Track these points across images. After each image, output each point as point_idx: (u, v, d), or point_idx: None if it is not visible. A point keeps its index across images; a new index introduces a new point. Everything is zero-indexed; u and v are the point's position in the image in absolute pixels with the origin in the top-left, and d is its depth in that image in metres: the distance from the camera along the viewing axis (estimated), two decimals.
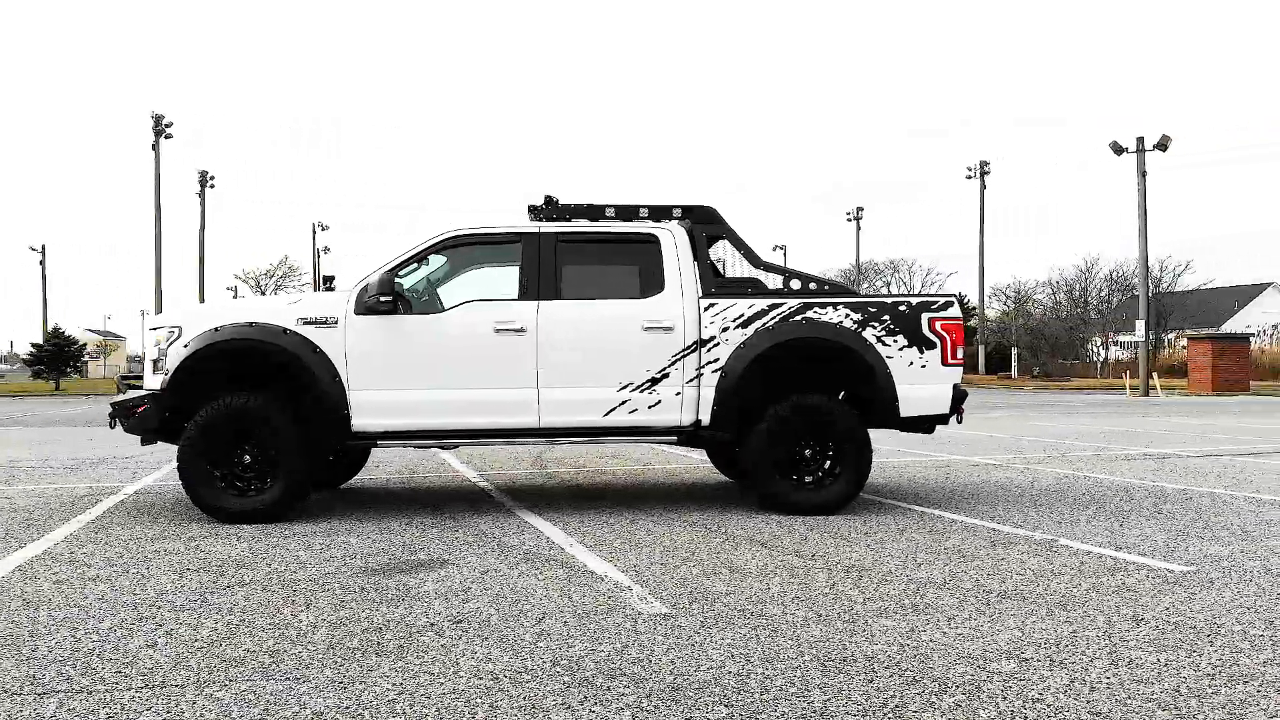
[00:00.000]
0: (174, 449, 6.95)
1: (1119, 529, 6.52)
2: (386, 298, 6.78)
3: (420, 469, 10.14)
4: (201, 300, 48.29)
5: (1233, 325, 59.12)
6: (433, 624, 4.15)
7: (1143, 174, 36.61)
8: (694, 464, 10.65)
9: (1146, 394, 35.22)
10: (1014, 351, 55.76)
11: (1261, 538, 6.19)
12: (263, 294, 54.35)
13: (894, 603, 4.54)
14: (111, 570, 5.21)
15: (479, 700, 3.23)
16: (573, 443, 7.36)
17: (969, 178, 59.40)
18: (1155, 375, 38.56)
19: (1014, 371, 54.34)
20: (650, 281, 7.26)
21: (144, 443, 7.60)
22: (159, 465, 10.53)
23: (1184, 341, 55.59)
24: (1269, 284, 66.98)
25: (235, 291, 68.15)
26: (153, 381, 7.00)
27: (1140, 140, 36.40)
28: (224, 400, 6.77)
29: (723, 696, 3.26)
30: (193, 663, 3.62)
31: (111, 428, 7.64)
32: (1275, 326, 56.97)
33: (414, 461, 10.75)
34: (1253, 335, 44.85)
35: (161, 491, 8.47)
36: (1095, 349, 64.57)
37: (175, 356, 6.82)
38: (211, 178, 51.22)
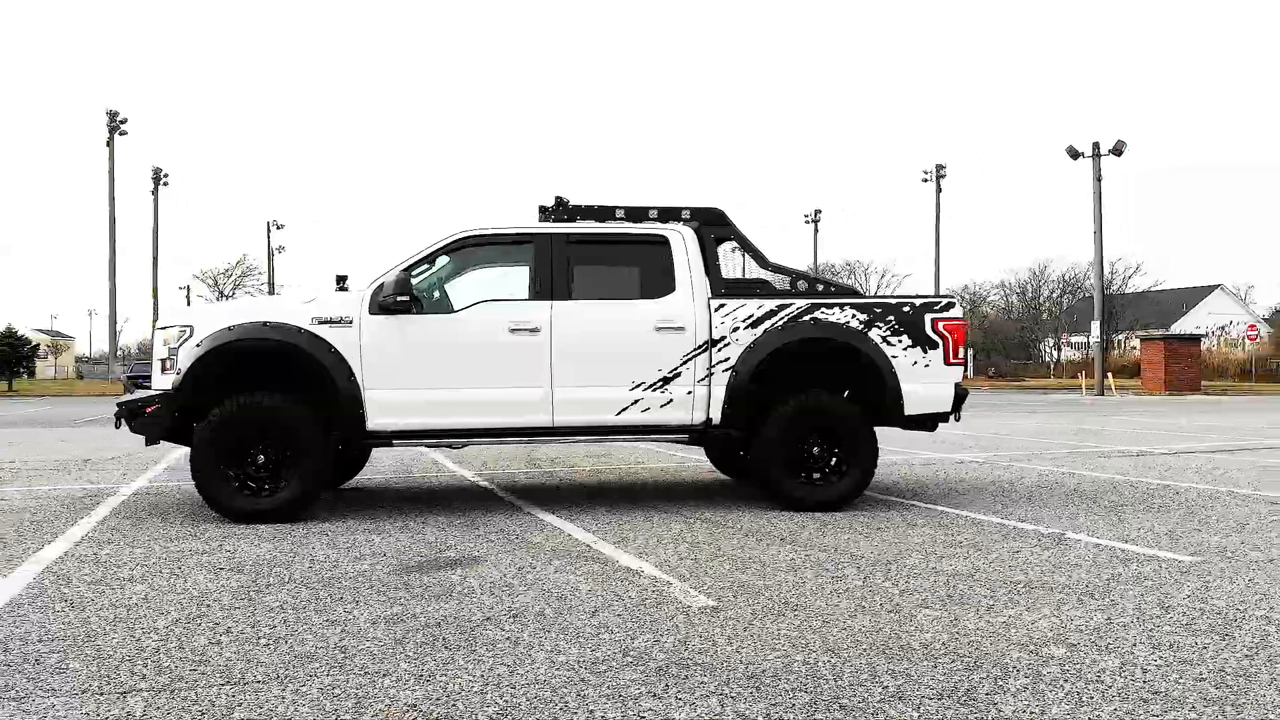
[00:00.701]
0: (161, 449, 6.93)
1: (1118, 522, 6.76)
2: (403, 297, 6.81)
3: (414, 468, 10.15)
4: (155, 299, 47.41)
5: (1181, 326, 60.70)
6: (489, 618, 4.21)
7: (1098, 178, 37.50)
8: (686, 462, 10.77)
9: (1102, 393, 36.08)
10: (970, 352, 56.75)
11: (1256, 530, 6.46)
12: (221, 294, 53.43)
13: (929, 594, 4.69)
14: (143, 571, 5.19)
15: (565, 689, 3.31)
16: (584, 442, 7.44)
17: (925, 180, 60.25)
18: (1110, 375, 39.47)
19: (970, 371, 55.32)
20: (661, 282, 7.36)
21: (148, 442, 7.54)
22: (147, 466, 10.41)
23: (1134, 342, 57.01)
24: (1216, 286, 68.88)
25: (189, 291, 67.05)
26: (162, 381, 6.96)
27: (1096, 145, 37.30)
28: (239, 400, 6.75)
29: (800, 684, 3.37)
30: (265, 659, 3.65)
31: (117, 427, 7.57)
32: (1222, 328, 58.59)
33: (407, 461, 10.74)
34: (1202, 336, 46.12)
35: (161, 492, 8.39)
36: (1047, 349, 65.93)
37: (187, 356, 6.78)
38: (166, 175, 50.34)
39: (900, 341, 7.43)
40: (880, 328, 7.42)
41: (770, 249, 7.82)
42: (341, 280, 7.31)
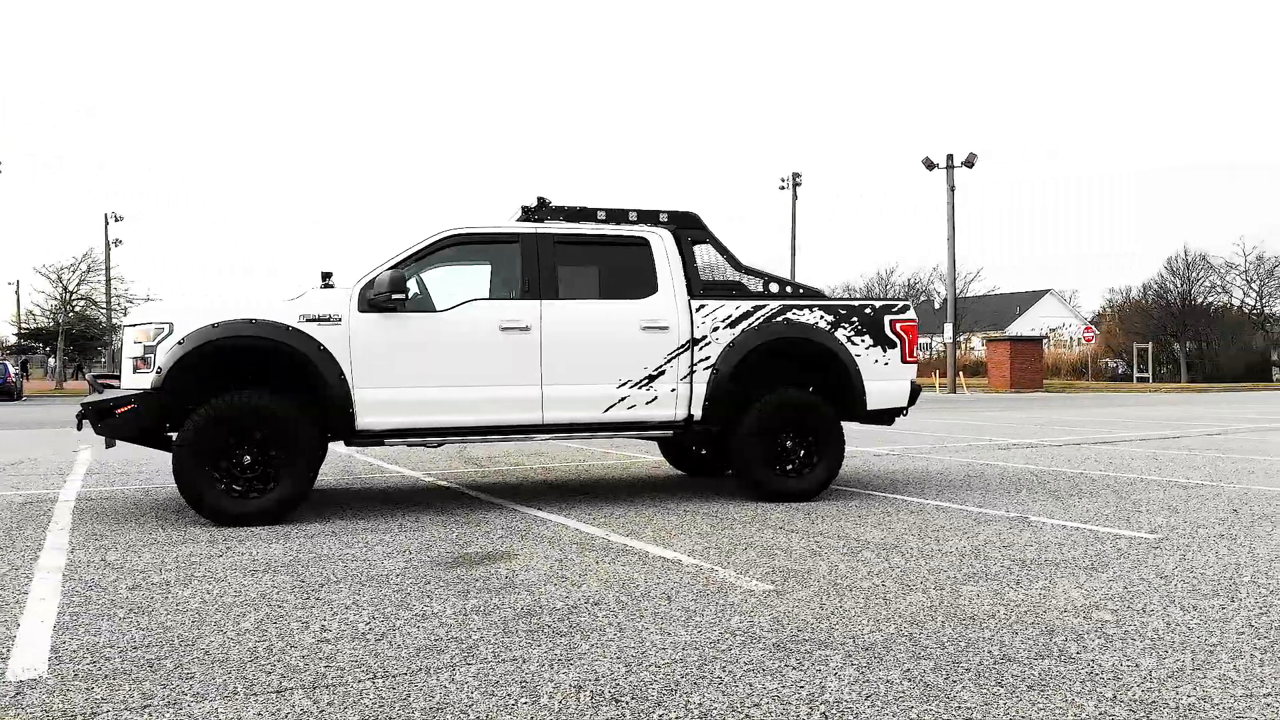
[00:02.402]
0: (62, 455, 6.66)
1: (1065, 507, 7.42)
2: (399, 295, 6.78)
3: (354, 469, 9.98)
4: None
5: (1016, 328, 65.10)
6: (573, 607, 4.34)
7: (951, 188, 39.80)
8: (631, 457, 11.00)
9: (954, 391, 38.34)
10: None
11: (1187, 511, 7.23)
12: (66, 289, 49.93)
13: (954, 572, 5.10)
14: (175, 575, 5.04)
15: (709, 665, 3.50)
16: (570, 438, 7.56)
17: (782, 188, 62.40)
18: (961, 374, 41.97)
19: None
20: (643, 283, 7.58)
21: (108, 445, 7.24)
22: (62, 470, 9.84)
23: (974, 342, 60.77)
24: (1046, 291, 74.20)
25: (17, 286, 62.26)
26: (134, 380, 6.68)
27: (950, 157, 39.57)
28: (225, 399, 6.57)
29: (914, 652, 3.68)
30: (389, 653, 3.69)
31: (79, 429, 7.21)
32: (1052, 329, 63.15)
33: (347, 463, 10.54)
34: (1043, 337, 49.61)
35: (109, 497, 7.99)
36: None
37: (169, 354, 6.54)
38: None
39: (863, 341, 7.91)
40: (845, 328, 7.87)
41: None
42: (327, 277, 7.19)
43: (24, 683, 3.31)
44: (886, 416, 8.14)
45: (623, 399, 7.37)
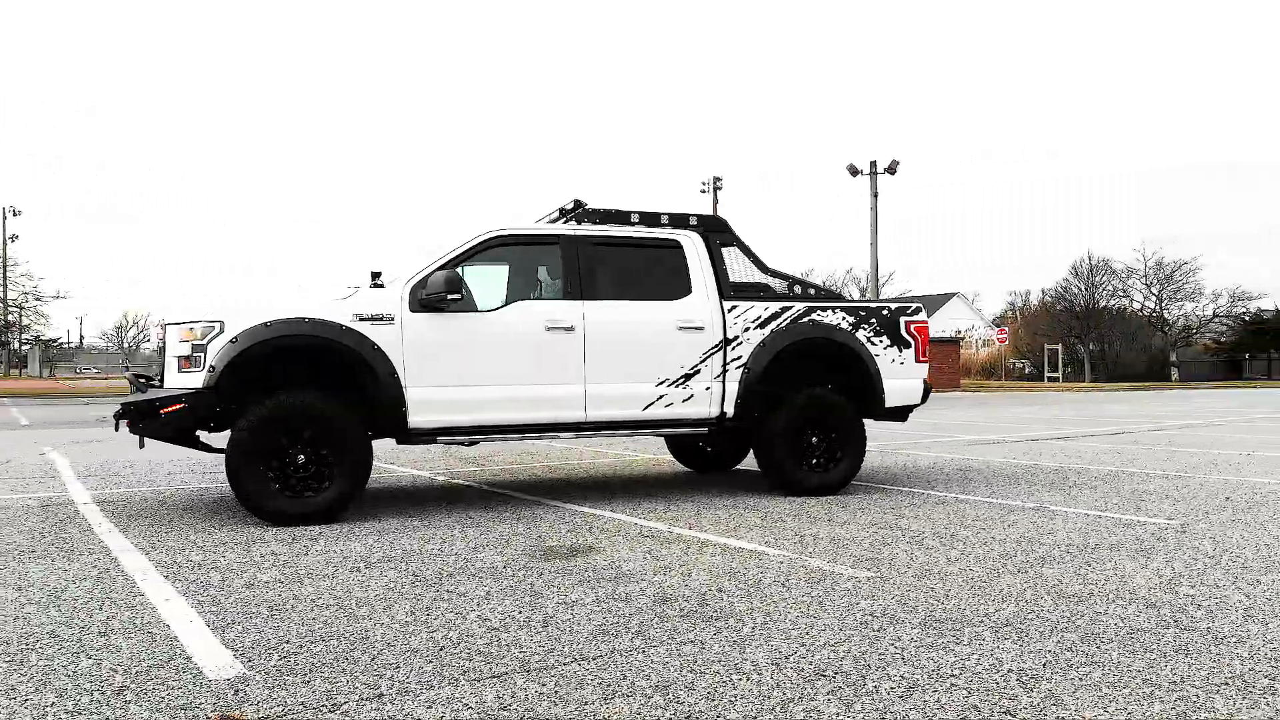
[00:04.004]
0: (31, 457, 6.60)
1: (1070, 497, 7.91)
2: (455, 295, 6.85)
3: None
4: None
5: None
6: (703, 597, 4.54)
7: (874, 194, 40.99)
8: (621, 455, 11.18)
9: None
10: None
11: (1184, 500, 7.80)
12: None
13: (1026, 556, 5.47)
14: (279, 575, 5.05)
15: (873, 642, 3.75)
16: (611, 436, 7.73)
17: (703, 192, 63.29)
18: None
19: None
20: (677, 284, 7.80)
21: (141, 445, 7.14)
22: (47, 473, 9.54)
23: None
24: (954, 294, 76.89)
25: None
26: (178, 380, 6.61)
27: (873, 164, 40.76)
28: (280, 398, 6.55)
29: (1049, 626, 4.00)
30: (570, 639, 3.83)
31: (116, 430, 7.08)
32: (960, 332, 65.43)
33: None
34: (960, 339, 51.43)
35: (128, 499, 7.82)
36: None
37: (221, 353, 6.49)
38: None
39: (882, 341, 8.29)
40: (865, 329, 8.24)
41: None
42: (376, 277, 7.21)
43: (233, 680, 3.35)
44: (901, 414, 8.53)
45: (660, 397, 7.57)
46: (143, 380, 7.27)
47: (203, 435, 7.66)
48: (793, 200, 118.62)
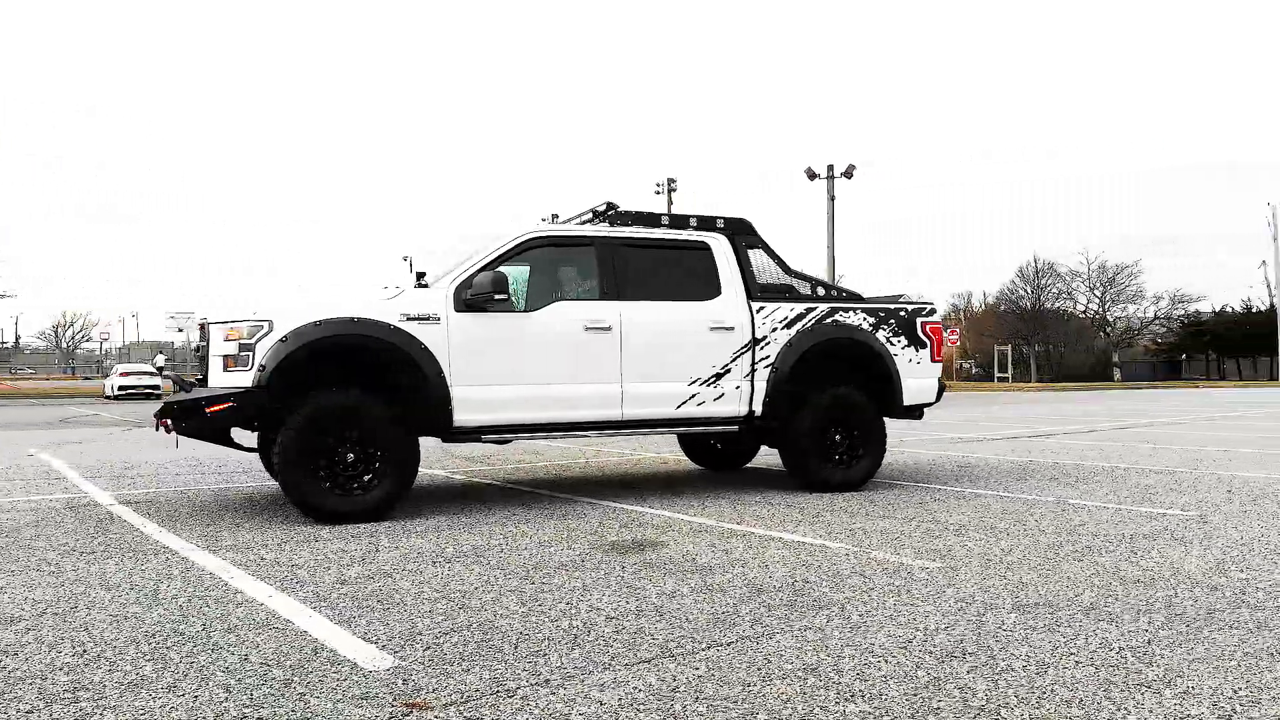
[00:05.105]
0: (15, 458, 6.60)
1: (1081, 492, 8.25)
2: (501, 295, 6.95)
3: None
4: None
5: None
6: (795, 589, 4.71)
7: (831, 198, 41.62)
8: (627, 454, 11.32)
9: None
10: None
11: (1190, 493, 8.18)
12: None
13: (1073, 546, 5.74)
14: (364, 571, 5.11)
15: (979, 625, 3.96)
16: (646, 434, 7.87)
17: (657, 193, 63.58)
18: None
19: None
20: (707, 285, 7.97)
21: (177, 444, 7.11)
22: (51, 475, 9.39)
23: None
24: (899, 296, 78.16)
25: None
26: (225, 379, 6.62)
27: (830, 168, 41.39)
28: (330, 397, 6.59)
29: (1131, 608, 4.25)
30: (711, 626, 3.97)
31: (157, 430, 7.05)
32: None
33: None
34: None
35: (153, 499, 7.76)
36: None
37: (272, 353, 6.50)
38: None
39: (900, 341, 8.56)
40: (885, 329, 8.50)
41: None
42: (421, 277, 7.27)
43: (393, 670, 3.43)
44: (918, 411, 8.81)
45: (693, 396, 7.74)
46: (188, 381, 7.23)
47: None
48: (750, 203, 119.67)
